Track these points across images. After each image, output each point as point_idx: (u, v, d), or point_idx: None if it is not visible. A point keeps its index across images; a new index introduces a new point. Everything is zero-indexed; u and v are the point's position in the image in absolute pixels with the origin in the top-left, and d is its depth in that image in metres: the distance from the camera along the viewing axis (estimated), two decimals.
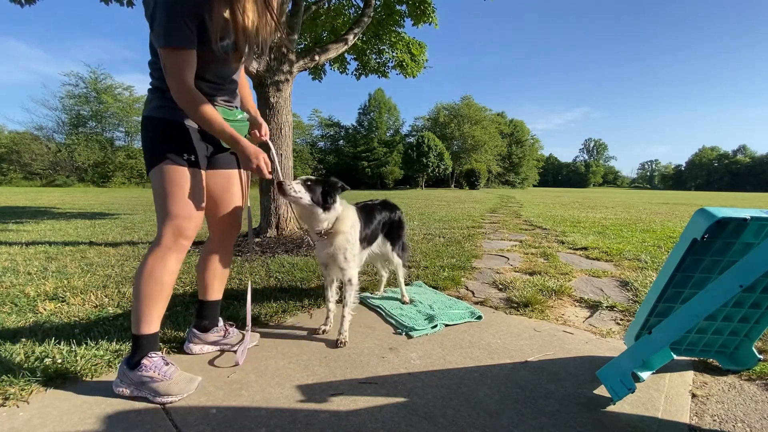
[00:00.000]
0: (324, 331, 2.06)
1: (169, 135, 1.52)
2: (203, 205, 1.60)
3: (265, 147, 1.72)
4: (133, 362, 1.47)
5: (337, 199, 1.88)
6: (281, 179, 1.73)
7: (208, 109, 1.44)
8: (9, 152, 34.79)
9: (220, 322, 1.88)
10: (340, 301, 2.07)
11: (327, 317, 2.10)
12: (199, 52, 1.43)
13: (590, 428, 1.31)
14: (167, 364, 1.49)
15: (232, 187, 1.77)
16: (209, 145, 1.64)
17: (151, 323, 1.50)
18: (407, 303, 2.50)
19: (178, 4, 1.33)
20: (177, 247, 1.53)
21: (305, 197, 1.79)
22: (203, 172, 1.60)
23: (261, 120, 1.84)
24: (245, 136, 1.68)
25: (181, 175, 1.51)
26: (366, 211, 2.22)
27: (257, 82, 4.34)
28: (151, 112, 1.54)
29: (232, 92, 1.69)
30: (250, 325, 1.80)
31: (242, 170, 1.81)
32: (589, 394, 1.51)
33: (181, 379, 1.49)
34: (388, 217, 2.39)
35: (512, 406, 1.43)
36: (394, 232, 2.44)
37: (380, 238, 2.35)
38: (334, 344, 1.91)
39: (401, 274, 2.55)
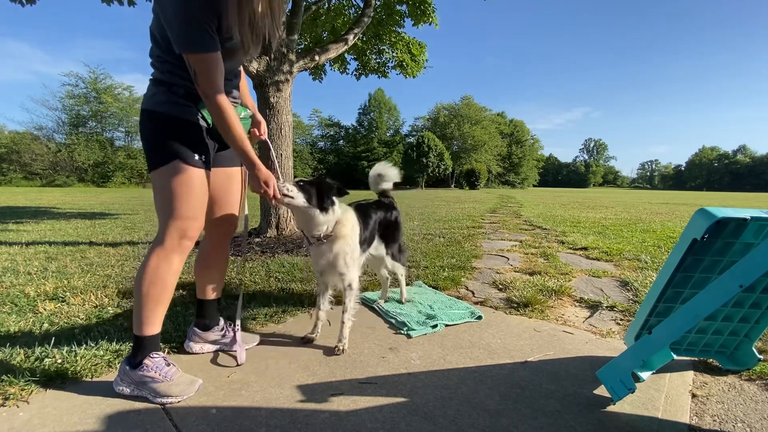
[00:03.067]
0: (311, 340, 1.97)
1: (181, 133, 1.46)
2: (206, 205, 1.58)
3: (264, 146, 1.71)
4: (134, 362, 1.46)
5: (336, 201, 1.80)
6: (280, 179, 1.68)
7: (236, 122, 1.43)
8: (9, 152, 34.74)
9: (221, 321, 1.88)
10: (332, 309, 2.01)
11: (315, 325, 2.01)
12: None
13: (590, 428, 1.31)
14: (169, 364, 1.49)
15: (232, 187, 1.76)
16: (215, 143, 1.61)
17: (154, 324, 1.49)
18: (405, 302, 2.49)
19: (198, 11, 1.27)
20: (181, 248, 1.50)
21: (298, 198, 1.68)
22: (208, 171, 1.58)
23: (260, 117, 1.81)
24: (246, 134, 1.66)
25: (191, 176, 1.47)
26: (362, 212, 2.10)
27: (257, 82, 4.34)
28: (156, 106, 1.47)
29: (236, 87, 1.66)
30: (239, 323, 1.82)
31: (244, 168, 1.77)
32: (589, 394, 1.51)
33: (182, 380, 1.48)
34: (383, 217, 2.25)
35: (512, 406, 1.43)
36: (389, 233, 2.31)
37: (376, 240, 2.23)
38: (332, 351, 1.84)
39: (401, 273, 2.46)
